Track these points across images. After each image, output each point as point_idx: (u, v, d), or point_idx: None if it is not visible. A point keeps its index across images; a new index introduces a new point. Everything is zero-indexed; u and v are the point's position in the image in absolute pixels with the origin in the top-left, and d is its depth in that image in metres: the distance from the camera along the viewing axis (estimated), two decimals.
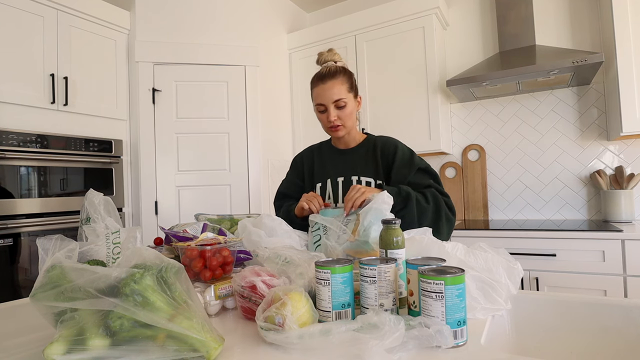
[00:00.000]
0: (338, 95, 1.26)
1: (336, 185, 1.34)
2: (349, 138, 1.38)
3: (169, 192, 2.52)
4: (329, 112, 1.27)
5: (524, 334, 0.86)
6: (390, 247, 0.81)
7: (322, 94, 1.27)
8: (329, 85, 1.26)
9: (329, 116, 1.27)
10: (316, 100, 1.29)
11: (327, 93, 1.26)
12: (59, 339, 0.55)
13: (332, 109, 1.26)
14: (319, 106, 1.29)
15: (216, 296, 0.83)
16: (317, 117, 1.35)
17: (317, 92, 1.29)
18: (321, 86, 1.27)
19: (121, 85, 2.52)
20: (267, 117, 2.78)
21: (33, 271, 1.98)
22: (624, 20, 1.97)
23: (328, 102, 1.26)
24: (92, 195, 0.99)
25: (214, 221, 1.30)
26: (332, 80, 1.26)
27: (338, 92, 1.26)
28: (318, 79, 1.29)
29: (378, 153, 1.33)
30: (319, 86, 1.28)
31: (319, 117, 1.33)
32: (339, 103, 1.26)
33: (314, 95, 1.31)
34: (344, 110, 1.28)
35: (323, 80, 1.27)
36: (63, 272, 0.56)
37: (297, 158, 1.51)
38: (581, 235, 1.86)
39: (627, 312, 0.79)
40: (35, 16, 2.08)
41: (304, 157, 1.48)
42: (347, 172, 1.33)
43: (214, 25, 2.63)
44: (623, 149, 2.28)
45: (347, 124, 1.30)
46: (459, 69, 2.70)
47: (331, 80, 1.26)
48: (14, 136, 1.94)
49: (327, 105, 1.27)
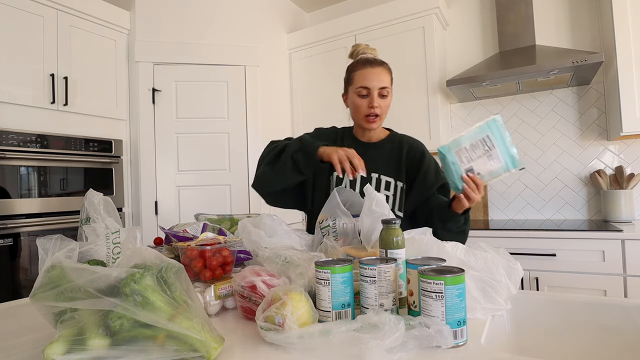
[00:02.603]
0: (385, 83, 1.20)
1: (354, 179, 1.26)
2: (375, 132, 1.31)
3: (169, 192, 2.52)
4: (371, 97, 1.20)
5: (524, 334, 0.86)
6: (390, 247, 0.81)
7: (369, 77, 1.20)
8: (379, 70, 1.20)
9: (372, 101, 1.20)
10: (360, 82, 1.21)
11: (376, 78, 1.19)
12: (59, 339, 0.55)
13: (376, 96, 1.20)
14: (361, 89, 1.21)
15: (216, 296, 0.83)
16: (351, 102, 1.26)
17: (363, 74, 1.21)
18: (370, 69, 1.20)
19: (121, 85, 2.52)
20: (267, 117, 2.78)
21: (33, 271, 1.98)
22: (624, 20, 1.97)
23: (374, 87, 1.19)
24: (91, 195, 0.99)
25: (214, 221, 1.30)
26: (381, 67, 1.21)
27: (385, 79, 1.21)
28: (366, 62, 1.22)
29: (404, 154, 1.28)
30: (367, 69, 1.20)
31: (356, 103, 1.23)
32: (383, 92, 1.21)
33: (357, 77, 1.22)
34: (385, 101, 1.22)
35: (372, 64, 1.21)
36: (63, 272, 0.56)
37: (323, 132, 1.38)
38: (581, 235, 1.86)
39: (627, 312, 0.79)
40: (35, 16, 2.08)
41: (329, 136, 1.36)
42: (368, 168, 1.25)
43: (214, 25, 2.63)
44: (623, 149, 2.28)
45: (384, 116, 1.25)
46: (459, 69, 2.70)
47: (380, 67, 1.21)
48: (14, 136, 1.94)
49: (372, 90, 1.20)
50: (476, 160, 1.00)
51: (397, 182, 1.26)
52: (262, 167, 1.25)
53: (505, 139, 0.99)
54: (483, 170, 1.01)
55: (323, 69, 2.92)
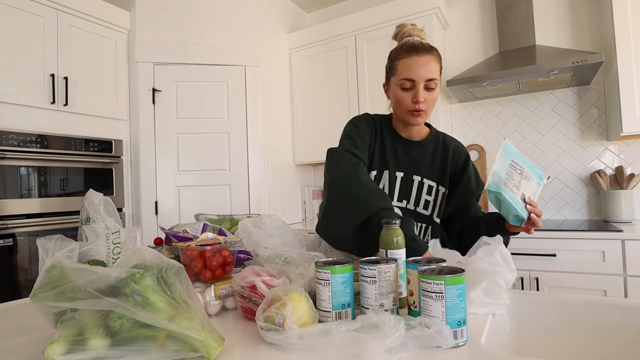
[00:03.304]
0: (432, 74, 1.05)
1: (394, 179, 1.14)
2: (417, 129, 1.17)
3: (169, 192, 2.52)
4: (417, 91, 1.05)
5: (524, 334, 0.86)
6: (390, 247, 0.81)
7: (415, 68, 1.04)
8: (426, 59, 1.05)
9: (417, 95, 1.05)
10: (404, 73, 1.06)
11: (423, 68, 1.04)
12: (59, 339, 0.55)
13: (422, 89, 1.05)
14: (405, 81, 1.06)
15: (216, 296, 0.83)
16: (393, 94, 1.11)
17: (407, 63, 1.05)
18: (415, 58, 1.05)
19: (121, 86, 2.52)
20: (267, 117, 2.78)
21: (33, 271, 1.98)
22: (624, 20, 1.97)
23: (420, 79, 1.04)
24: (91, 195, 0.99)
25: (214, 221, 1.30)
26: (428, 55, 1.06)
27: (433, 69, 1.05)
28: (410, 49, 1.06)
29: (449, 156, 1.17)
30: (412, 58, 1.05)
31: (399, 96, 1.09)
32: (430, 84, 1.06)
33: (400, 67, 1.07)
34: (432, 94, 1.07)
35: (418, 52, 1.05)
36: (63, 272, 0.56)
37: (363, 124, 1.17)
38: (581, 235, 1.86)
39: (627, 312, 0.80)
40: (35, 16, 2.08)
41: (369, 128, 1.17)
42: (410, 169, 1.15)
43: (214, 25, 2.63)
44: (623, 149, 2.28)
45: (430, 111, 1.10)
46: (459, 69, 2.70)
47: (427, 55, 1.06)
48: (14, 136, 1.94)
49: (417, 82, 1.05)
50: (520, 186, 0.96)
51: (440, 187, 1.16)
52: (342, 223, 0.96)
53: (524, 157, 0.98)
54: (528, 192, 0.97)
55: (323, 69, 2.92)
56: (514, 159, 0.96)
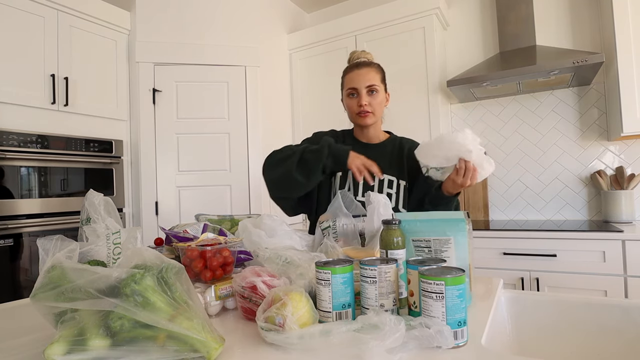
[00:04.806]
0: (371, 81, 1.26)
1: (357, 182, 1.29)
2: (374, 133, 1.36)
3: (169, 192, 2.52)
4: (360, 97, 1.26)
5: (524, 334, 0.86)
6: (390, 247, 0.81)
7: (355, 78, 1.27)
8: (365, 71, 1.27)
9: (360, 100, 1.26)
10: (348, 84, 1.29)
11: (362, 78, 1.26)
12: (60, 339, 0.55)
13: (365, 94, 1.26)
14: (350, 90, 1.28)
15: (216, 296, 0.83)
16: (345, 104, 1.33)
17: (350, 77, 1.29)
18: (356, 71, 1.27)
19: (121, 86, 2.52)
20: (267, 118, 2.78)
21: (33, 271, 1.98)
22: (624, 20, 1.97)
23: (361, 87, 1.26)
24: (92, 195, 0.99)
25: (214, 221, 1.30)
26: (367, 68, 1.28)
27: (372, 77, 1.26)
28: (354, 66, 1.30)
29: (405, 154, 1.32)
30: (354, 71, 1.28)
31: (348, 104, 1.31)
32: (371, 88, 1.26)
33: (346, 81, 1.30)
34: (375, 97, 1.27)
35: (358, 66, 1.28)
36: (63, 272, 0.56)
37: (322, 133, 1.41)
38: (581, 235, 1.86)
39: (627, 312, 0.80)
40: (35, 16, 2.08)
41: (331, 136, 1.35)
42: None
43: (214, 25, 2.63)
44: (623, 149, 2.28)
45: (377, 112, 1.29)
46: (459, 69, 2.70)
47: (366, 67, 1.28)
48: (15, 136, 1.94)
49: (359, 89, 1.26)
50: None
51: (400, 181, 1.30)
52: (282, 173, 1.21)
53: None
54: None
55: (323, 69, 2.92)
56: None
